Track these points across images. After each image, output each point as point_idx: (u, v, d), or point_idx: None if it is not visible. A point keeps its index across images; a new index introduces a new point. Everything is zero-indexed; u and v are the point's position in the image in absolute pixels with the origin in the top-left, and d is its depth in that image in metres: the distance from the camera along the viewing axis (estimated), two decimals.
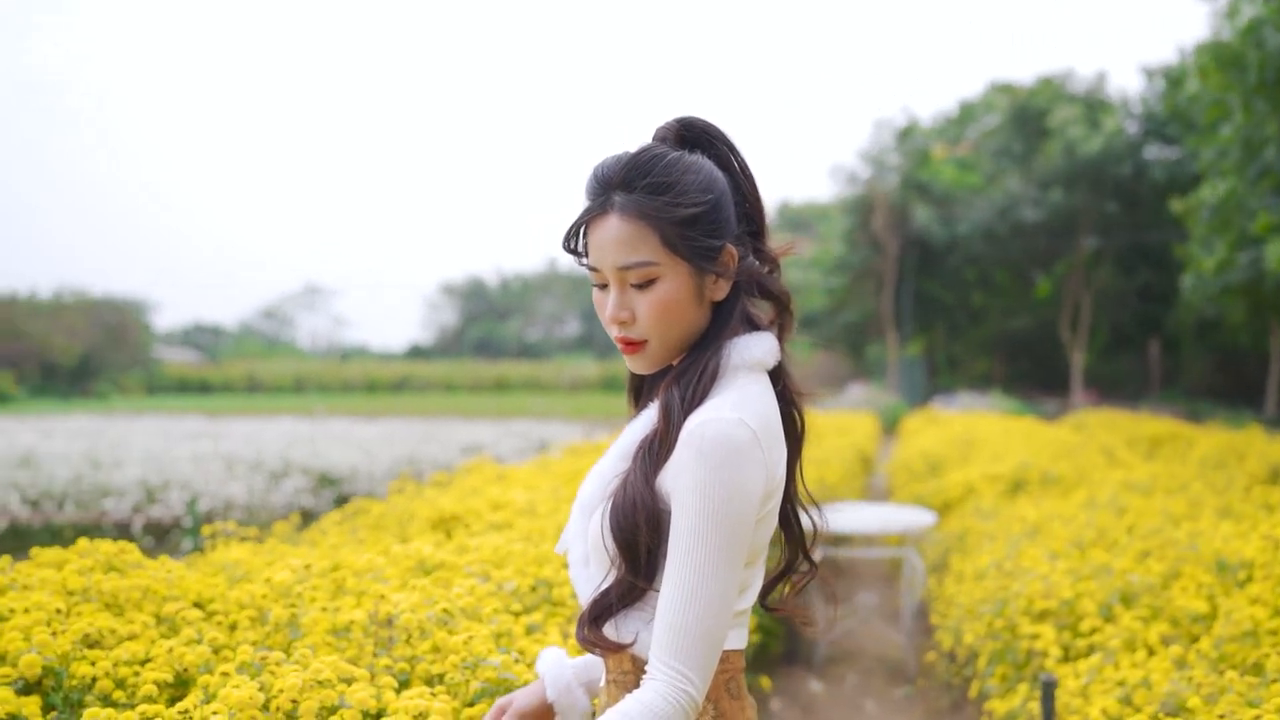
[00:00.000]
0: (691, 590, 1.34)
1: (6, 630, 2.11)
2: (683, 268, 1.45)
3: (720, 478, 1.36)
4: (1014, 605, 3.44)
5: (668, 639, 1.34)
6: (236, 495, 9.61)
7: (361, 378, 52.49)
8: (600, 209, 1.46)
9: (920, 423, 15.08)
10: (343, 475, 11.03)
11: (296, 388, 49.92)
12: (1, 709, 1.91)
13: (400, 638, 2.21)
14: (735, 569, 1.36)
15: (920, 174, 31.57)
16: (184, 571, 2.74)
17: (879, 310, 32.76)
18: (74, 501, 9.69)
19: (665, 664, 1.34)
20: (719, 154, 1.53)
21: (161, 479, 9.84)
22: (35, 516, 9.56)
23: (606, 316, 1.47)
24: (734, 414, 1.39)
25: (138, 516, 9.38)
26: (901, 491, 8.65)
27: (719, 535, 1.35)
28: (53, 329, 44.09)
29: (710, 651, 1.35)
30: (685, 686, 1.33)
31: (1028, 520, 5.09)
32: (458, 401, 41.04)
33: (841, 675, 6.00)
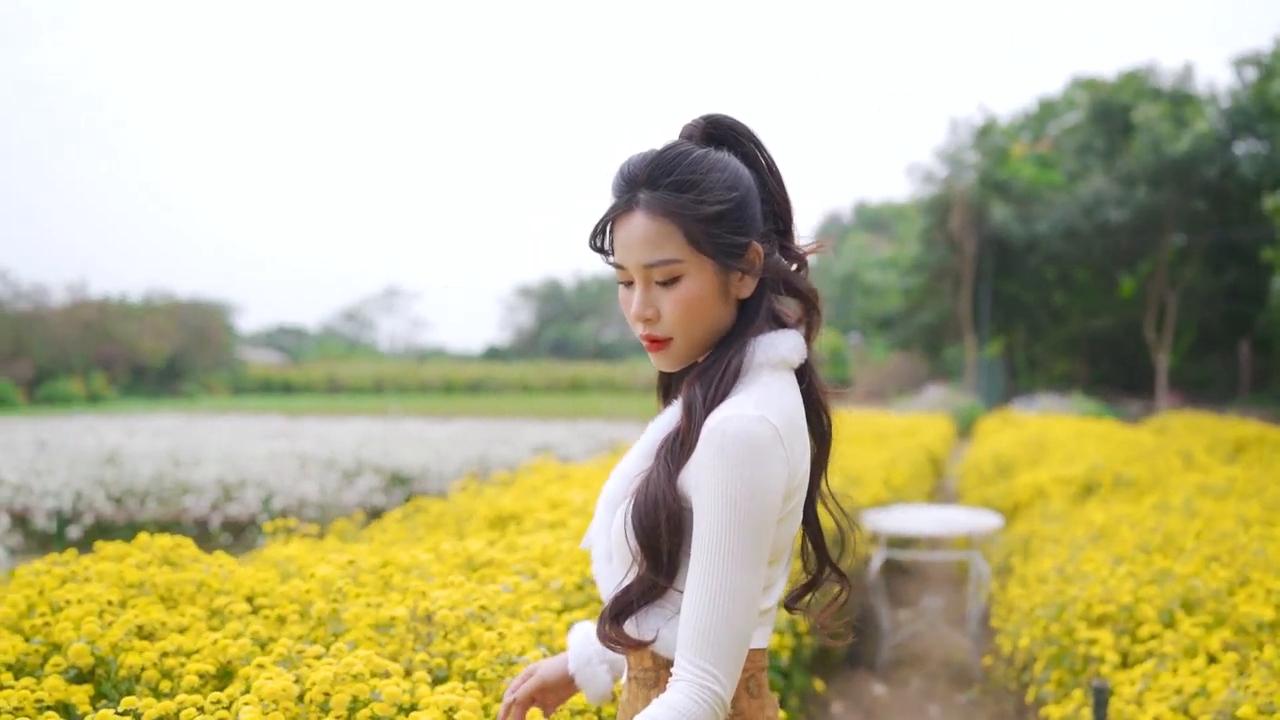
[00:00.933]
0: (716, 589, 1.34)
1: (59, 621, 2.18)
2: (708, 265, 1.45)
3: (742, 475, 1.35)
4: (1071, 610, 3.37)
5: (694, 639, 1.34)
6: (309, 493, 9.81)
7: (439, 379, 53.16)
8: (625, 206, 1.46)
9: (995, 425, 14.83)
10: (414, 475, 11.19)
11: (375, 389, 50.70)
12: (52, 696, 1.98)
13: (438, 634, 2.24)
14: (759, 567, 1.36)
15: (998, 172, 31.03)
16: (236, 566, 2.81)
17: (956, 311, 32.27)
18: (155, 499, 9.96)
19: (692, 663, 1.33)
20: (746, 151, 1.53)
21: (238, 477, 10.07)
22: (119, 513, 9.86)
23: (632, 314, 1.48)
24: (756, 411, 1.38)
25: (215, 514, 9.62)
26: (971, 494, 8.52)
27: (742, 533, 1.34)
28: (142, 331, 45.34)
29: (737, 650, 1.34)
30: (713, 685, 1.32)
31: (1094, 524, 4.98)
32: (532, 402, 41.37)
33: (906, 679, 5.93)
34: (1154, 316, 29.80)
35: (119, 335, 44.34)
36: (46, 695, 1.92)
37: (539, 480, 5.75)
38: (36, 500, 9.78)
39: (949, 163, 32.14)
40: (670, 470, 1.43)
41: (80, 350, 42.85)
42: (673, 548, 1.42)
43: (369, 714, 1.82)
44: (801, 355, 1.51)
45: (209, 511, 9.71)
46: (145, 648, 2.13)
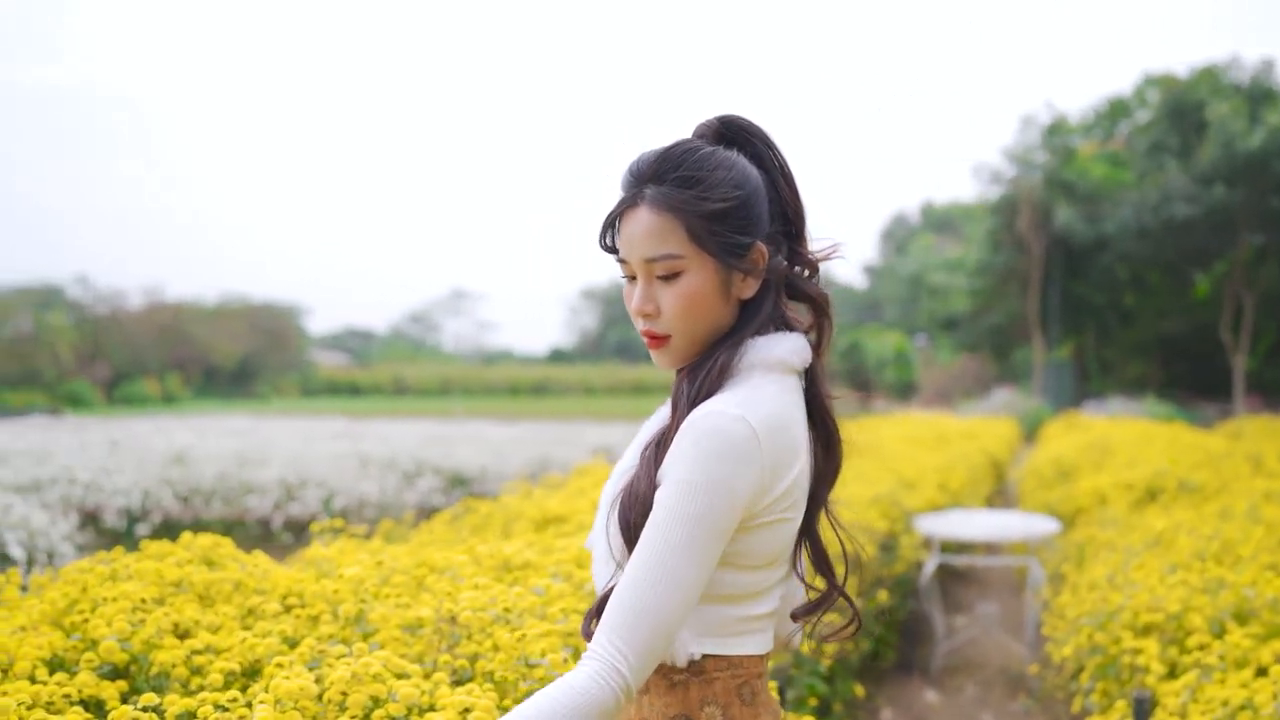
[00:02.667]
0: (649, 571, 1.33)
1: (94, 618, 2.23)
2: (709, 263, 1.44)
3: (706, 469, 1.35)
4: (1118, 619, 3.30)
5: (616, 615, 1.33)
6: (369, 494, 9.93)
7: (504, 381, 53.58)
8: (631, 201, 1.46)
9: (1061, 428, 14.56)
10: (473, 476, 11.28)
11: (441, 390, 51.23)
12: (83, 692, 2.03)
13: (463, 635, 2.26)
14: (703, 562, 1.34)
15: (1066, 171, 30.46)
16: (273, 566, 2.85)
17: (1025, 312, 31.75)
18: (220, 498, 10.16)
19: (608, 640, 1.32)
20: (757, 153, 1.52)
21: (300, 478, 10.23)
22: (186, 512, 10.07)
23: (632, 309, 1.48)
24: (736, 410, 1.38)
25: (278, 513, 9.79)
26: (1030, 499, 8.38)
27: (689, 525, 1.34)
28: (216, 334, 46.32)
29: (655, 638, 1.32)
30: (620, 666, 1.30)
31: (1152, 530, 4.87)
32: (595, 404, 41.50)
33: (960, 686, 5.84)
34: (1230, 318, 29.03)
35: (193, 338, 45.35)
36: (74, 691, 1.97)
37: (588, 482, 5.76)
38: (107, 499, 10.02)
39: (1017, 162, 31.65)
40: (651, 468, 1.43)
41: (156, 352, 43.89)
42: None
43: (385, 714, 1.84)
44: (803, 359, 1.49)
45: (271, 511, 9.88)
46: (176, 645, 2.17)
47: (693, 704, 1.45)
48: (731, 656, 1.45)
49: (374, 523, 8.14)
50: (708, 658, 1.44)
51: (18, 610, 2.53)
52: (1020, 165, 31.48)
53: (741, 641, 1.46)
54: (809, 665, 3.59)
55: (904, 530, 5.70)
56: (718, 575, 1.41)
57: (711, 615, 1.43)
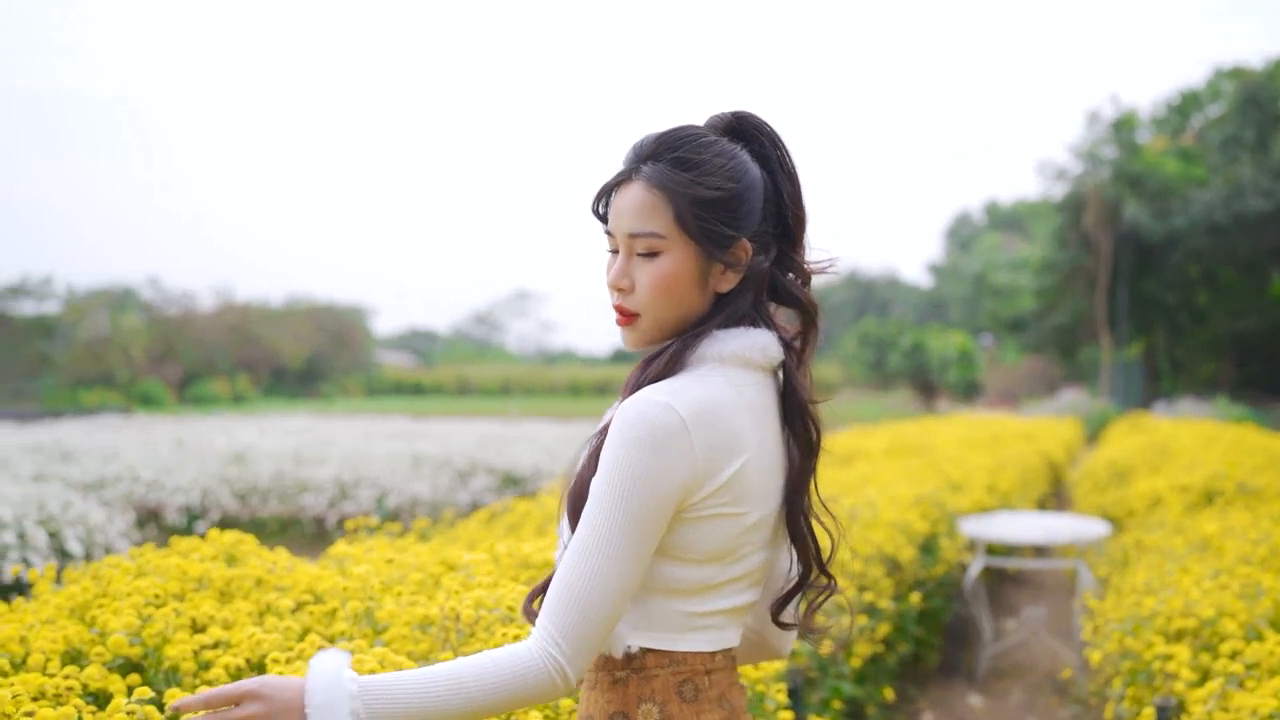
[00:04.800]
0: (578, 559, 1.35)
1: (105, 612, 2.28)
2: (691, 248, 1.45)
3: (629, 457, 1.35)
4: (1150, 623, 3.22)
5: (550, 600, 1.36)
6: (421, 492, 10.03)
7: (566, 381, 53.77)
8: (627, 176, 1.48)
9: (1124, 430, 14.26)
10: (526, 475, 11.34)
11: (504, 390, 51.57)
12: (92, 684, 2.07)
13: (467, 633, 2.27)
14: (630, 551, 1.35)
15: (1134, 167, 29.84)
16: (294, 563, 2.89)
17: (1092, 312, 31.17)
18: (277, 496, 10.33)
19: (543, 623, 1.35)
20: (764, 153, 1.51)
21: (355, 477, 10.36)
22: (243, 510, 10.26)
23: (608, 281, 1.49)
24: (664, 398, 1.38)
25: (332, 512, 9.92)
26: (1085, 501, 8.22)
27: (617, 514, 1.35)
28: (283, 334, 47.07)
29: (586, 625, 1.34)
30: (553, 650, 1.33)
31: (1201, 533, 4.75)
32: None
33: (1006, 690, 5.76)
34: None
35: (261, 338, 46.12)
36: (80, 684, 2.01)
37: None
38: (168, 496, 10.25)
39: (1083, 158, 31.08)
40: (594, 454, 1.44)
41: (225, 353, 44.72)
42: None
43: None
44: (768, 357, 1.48)
45: (326, 509, 10.02)
46: (185, 640, 2.21)
47: (630, 701, 1.44)
48: (674, 653, 1.44)
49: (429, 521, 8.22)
50: (649, 653, 1.44)
51: (46, 604, 2.60)
52: (1087, 161, 30.92)
53: (687, 638, 1.45)
54: (835, 667, 3.56)
55: (945, 532, 5.62)
56: (656, 567, 1.41)
57: (652, 608, 1.43)
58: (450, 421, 20.88)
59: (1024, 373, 39.45)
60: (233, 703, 1.32)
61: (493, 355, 70.12)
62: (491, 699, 1.33)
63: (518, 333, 78.66)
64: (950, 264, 57.23)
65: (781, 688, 2.53)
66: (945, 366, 34.92)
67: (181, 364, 42.92)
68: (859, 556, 4.10)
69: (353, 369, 51.10)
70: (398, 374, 54.81)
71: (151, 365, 41.77)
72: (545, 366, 60.81)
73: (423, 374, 55.79)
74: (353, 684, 1.31)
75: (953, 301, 51.87)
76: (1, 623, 2.36)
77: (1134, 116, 31.65)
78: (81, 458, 11.91)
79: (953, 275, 54.19)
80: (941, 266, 59.91)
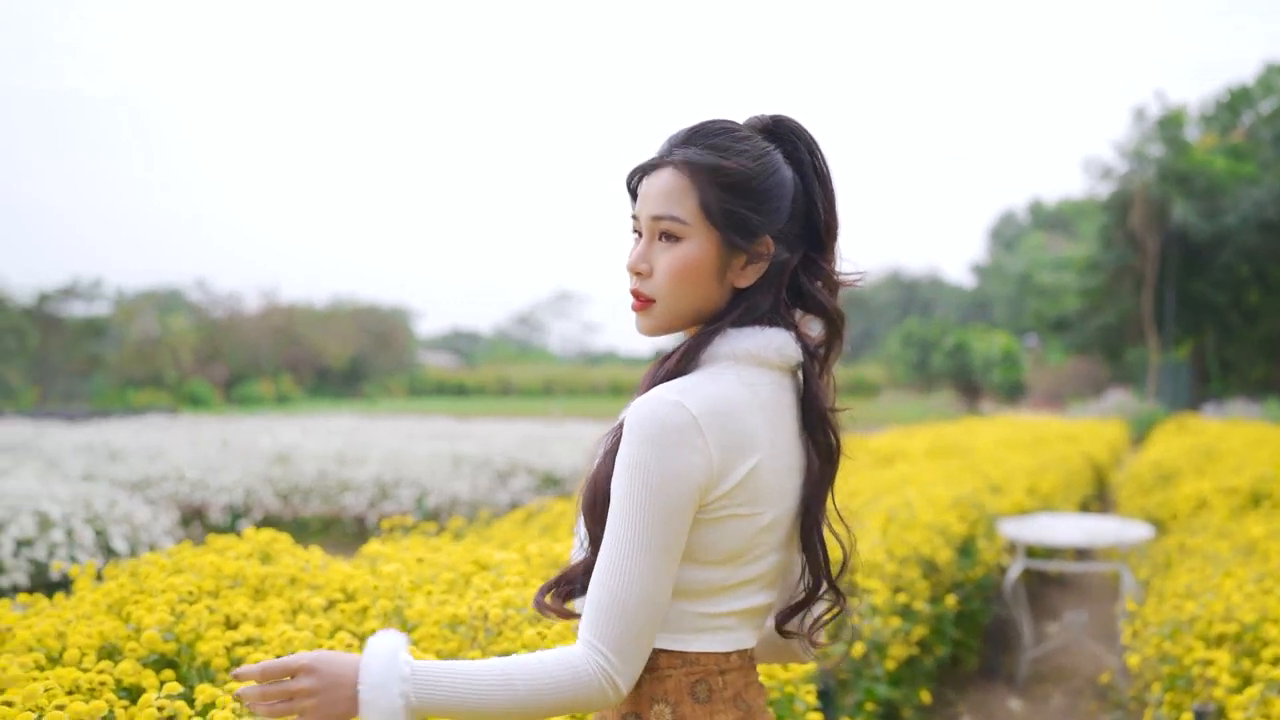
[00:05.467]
0: (609, 568, 1.35)
1: (139, 609, 2.31)
2: (713, 237, 1.45)
3: (643, 458, 1.35)
4: (1190, 628, 3.17)
5: (588, 614, 1.36)
6: (461, 492, 10.09)
7: (608, 381, 53.84)
8: (659, 162, 1.49)
9: (1171, 431, 14.06)
10: (565, 475, 11.37)
11: (546, 391, 51.75)
12: (126, 680, 2.10)
13: (495, 632, 2.28)
14: (660, 553, 1.35)
15: (1182, 164, 29.39)
16: (327, 561, 2.92)
17: (1139, 312, 30.74)
18: (319, 496, 10.42)
19: (583, 639, 1.35)
20: (799, 155, 1.51)
21: (396, 476, 10.44)
22: (286, 509, 10.37)
23: (628, 264, 1.50)
24: (675, 396, 1.38)
25: (373, 511, 10.00)
26: (1129, 503, 8.12)
27: (639, 517, 1.34)
28: (327, 335, 47.52)
29: (630, 632, 1.34)
30: (601, 662, 1.33)
31: (1248, 536, 4.67)
32: None
33: (1047, 695, 5.69)
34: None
35: (306, 339, 46.59)
36: (115, 678, 2.04)
37: None
38: (212, 495, 10.38)
39: (1129, 156, 30.67)
40: (609, 453, 1.44)
41: (271, 354, 45.23)
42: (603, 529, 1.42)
43: None
44: (784, 356, 1.47)
45: (367, 509, 10.10)
46: (217, 636, 2.24)
47: (643, 701, 1.44)
48: (687, 653, 1.44)
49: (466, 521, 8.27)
50: (661, 653, 1.44)
51: (84, 600, 2.65)
52: (1133, 160, 30.51)
53: (700, 638, 1.44)
54: (869, 670, 3.53)
55: (984, 534, 5.56)
56: None
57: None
58: (491, 422, 20.97)
59: (1070, 374, 39.00)
60: (289, 675, 1.35)
61: (535, 356, 70.36)
62: (538, 700, 1.33)
63: (560, 333, 78.88)
64: (994, 264, 56.70)
65: (811, 689, 2.52)
66: (989, 367, 34.60)
67: (228, 365, 43.46)
68: (894, 558, 4.07)
69: (396, 370, 51.47)
70: (440, 375, 55.14)
71: (199, 366, 42.33)
72: (587, 367, 60.91)
73: (465, 375, 56.11)
74: (406, 667, 1.33)
75: (997, 302, 51.37)
76: (41, 618, 2.40)
77: (1182, 114, 31.18)
78: (129, 457, 12.09)
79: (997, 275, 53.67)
80: (985, 266, 59.36)
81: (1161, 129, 30.50)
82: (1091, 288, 32.10)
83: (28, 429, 16.95)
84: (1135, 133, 30.87)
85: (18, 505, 6.94)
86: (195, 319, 45.95)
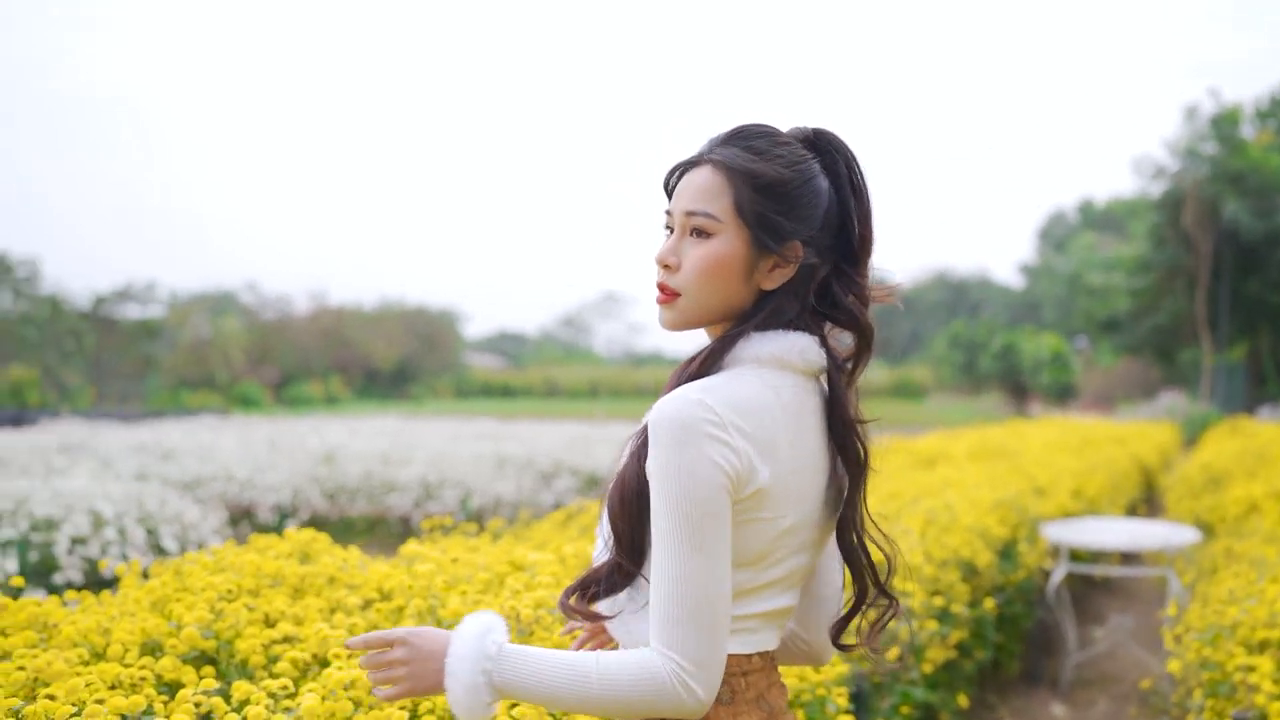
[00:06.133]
0: (664, 575, 1.36)
1: (179, 606, 2.36)
2: (744, 236, 1.47)
3: (672, 458, 1.36)
4: (1232, 633, 3.13)
5: (653, 624, 1.37)
6: (505, 493, 10.15)
7: (653, 383, 53.81)
8: (697, 160, 1.51)
9: (1223, 434, 13.83)
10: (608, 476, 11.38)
11: (591, 392, 51.89)
12: (166, 675, 2.15)
13: (526, 631, 2.31)
14: (710, 551, 1.35)
15: (1235, 163, 28.85)
16: (366, 561, 2.96)
17: (1191, 312, 30.23)
18: (365, 496, 10.53)
19: (656, 650, 1.36)
20: (836, 167, 1.53)
21: (440, 477, 10.52)
22: (332, 509, 10.49)
23: (657, 257, 1.51)
24: (697, 395, 1.39)
25: (417, 511, 10.09)
26: (1177, 507, 8.00)
27: (681, 518, 1.35)
28: (375, 337, 47.99)
29: (696, 635, 1.34)
30: (673, 666, 1.34)
31: None
32: None
33: (1091, 700, 5.63)
34: None
35: (354, 341, 47.08)
36: (154, 673, 2.09)
37: None
38: (261, 495, 10.52)
39: (1182, 155, 30.17)
40: (635, 453, 1.45)
41: (320, 355, 45.78)
42: (636, 532, 1.43)
43: (430, 705, 1.90)
44: (807, 360, 1.48)
45: (411, 509, 10.20)
46: (255, 634, 2.28)
47: None
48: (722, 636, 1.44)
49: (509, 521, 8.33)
50: None
51: (129, 597, 2.71)
52: (1185, 158, 30.01)
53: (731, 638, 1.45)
54: (905, 673, 3.52)
55: (1025, 537, 5.51)
56: None
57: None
58: (536, 423, 21.07)
59: (1121, 376, 38.46)
60: (387, 646, 1.43)
61: (580, 357, 70.54)
62: (613, 697, 1.35)
63: (605, 335, 79.03)
64: (1044, 264, 56.04)
65: (843, 691, 2.53)
66: (1038, 369, 34.19)
67: (278, 366, 44.03)
68: (932, 560, 4.05)
69: (443, 371, 51.86)
70: (487, 376, 55.47)
71: (250, 368, 42.93)
72: (632, 368, 60.97)
73: (511, 376, 56.41)
74: (494, 646, 1.39)
75: (1046, 302, 50.77)
76: (86, 614, 2.46)
77: (1238, 111, 30.61)
78: (181, 457, 12.28)
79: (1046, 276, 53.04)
80: (1034, 267, 58.69)
81: (1215, 127, 29.98)
82: (1142, 288, 31.63)
83: (84, 429, 17.28)
84: (1187, 131, 30.38)
85: (72, 504, 7.09)
86: (246, 321, 46.60)
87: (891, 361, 59.11)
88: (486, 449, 12.44)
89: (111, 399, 37.49)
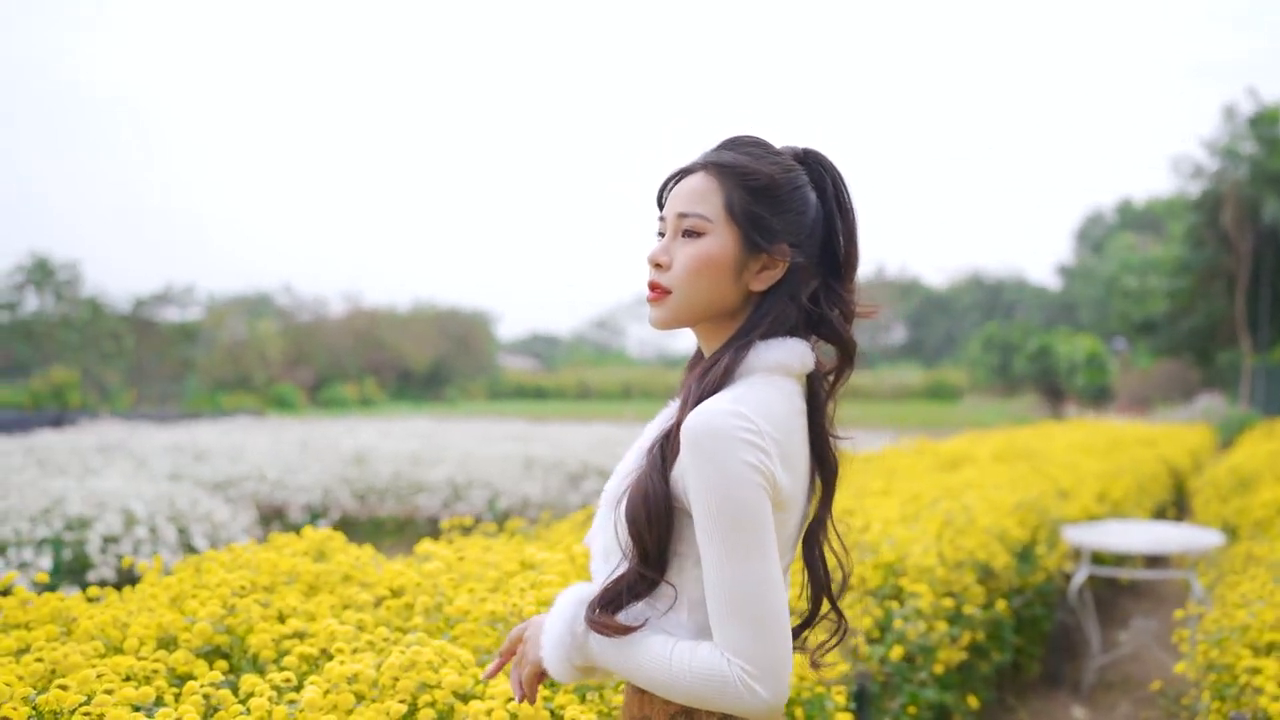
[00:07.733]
0: (720, 582, 1.40)
1: (193, 602, 2.43)
2: (734, 235, 1.52)
3: (714, 467, 1.40)
4: (1240, 636, 3.13)
5: (716, 632, 1.41)
6: (532, 494, 10.22)
7: None
8: (690, 168, 1.57)
9: (1259, 437, 13.66)
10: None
11: (624, 394, 51.92)
12: (179, 669, 2.22)
13: None
14: (764, 556, 1.40)
15: (1275, 162, 28.49)
16: (381, 559, 3.02)
17: (1230, 313, 29.87)
18: (394, 496, 10.64)
19: (728, 656, 1.40)
20: (824, 185, 1.59)
21: (468, 478, 10.61)
22: (362, 509, 10.60)
23: (649, 257, 1.56)
24: (729, 405, 1.43)
25: (445, 511, 10.17)
26: (1204, 510, 7.94)
27: (730, 525, 1.40)
28: (409, 339, 48.28)
29: (762, 638, 1.39)
30: (741, 673, 1.38)
31: None
32: None
33: (1112, 704, 5.61)
34: None
35: (388, 343, 47.39)
36: (166, 667, 2.16)
37: None
38: (291, 495, 10.65)
39: (1220, 154, 29.82)
40: (660, 464, 1.48)
41: (355, 357, 46.11)
42: (661, 542, 1.46)
43: (430, 699, 1.95)
44: (804, 364, 1.54)
45: (440, 509, 10.28)
46: (266, 629, 2.35)
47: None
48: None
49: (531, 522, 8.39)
50: None
51: (148, 593, 2.79)
52: (1224, 158, 29.66)
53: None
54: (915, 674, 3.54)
55: (1045, 539, 5.50)
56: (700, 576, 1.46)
57: (704, 617, 1.47)
58: (566, 424, 21.15)
59: (1158, 378, 38.00)
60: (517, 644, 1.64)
61: (613, 359, 70.61)
62: (686, 683, 1.41)
63: (637, 337, 79.07)
64: (1080, 265, 55.52)
65: (842, 690, 2.56)
66: (1073, 371, 33.88)
67: (313, 368, 44.40)
68: (946, 562, 4.07)
69: (476, 373, 52.07)
70: (520, 378, 55.65)
71: (286, 369, 43.32)
72: (665, 370, 60.98)
73: (544, 378, 56.56)
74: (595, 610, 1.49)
75: (1083, 304, 50.33)
76: (104, 609, 2.54)
77: (1276, 111, 30.22)
78: (214, 458, 12.44)
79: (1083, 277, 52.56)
80: (1071, 268, 58.16)
81: (1254, 126, 29.62)
82: (1180, 289, 31.29)
83: (122, 430, 17.54)
84: (1226, 130, 30.03)
85: (106, 503, 7.23)
86: (282, 324, 47.03)
87: (926, 363, 58.74)
88: (515, 450, 12.52)
89: (151, 400, 37.97)
